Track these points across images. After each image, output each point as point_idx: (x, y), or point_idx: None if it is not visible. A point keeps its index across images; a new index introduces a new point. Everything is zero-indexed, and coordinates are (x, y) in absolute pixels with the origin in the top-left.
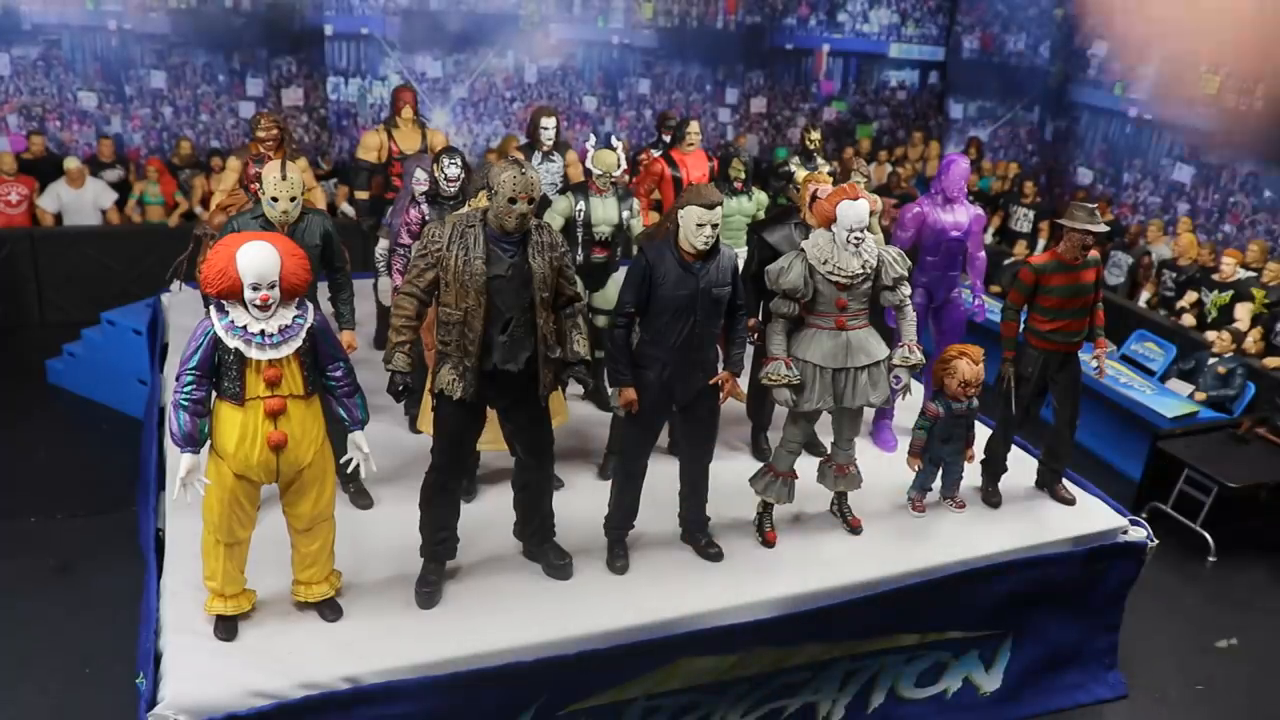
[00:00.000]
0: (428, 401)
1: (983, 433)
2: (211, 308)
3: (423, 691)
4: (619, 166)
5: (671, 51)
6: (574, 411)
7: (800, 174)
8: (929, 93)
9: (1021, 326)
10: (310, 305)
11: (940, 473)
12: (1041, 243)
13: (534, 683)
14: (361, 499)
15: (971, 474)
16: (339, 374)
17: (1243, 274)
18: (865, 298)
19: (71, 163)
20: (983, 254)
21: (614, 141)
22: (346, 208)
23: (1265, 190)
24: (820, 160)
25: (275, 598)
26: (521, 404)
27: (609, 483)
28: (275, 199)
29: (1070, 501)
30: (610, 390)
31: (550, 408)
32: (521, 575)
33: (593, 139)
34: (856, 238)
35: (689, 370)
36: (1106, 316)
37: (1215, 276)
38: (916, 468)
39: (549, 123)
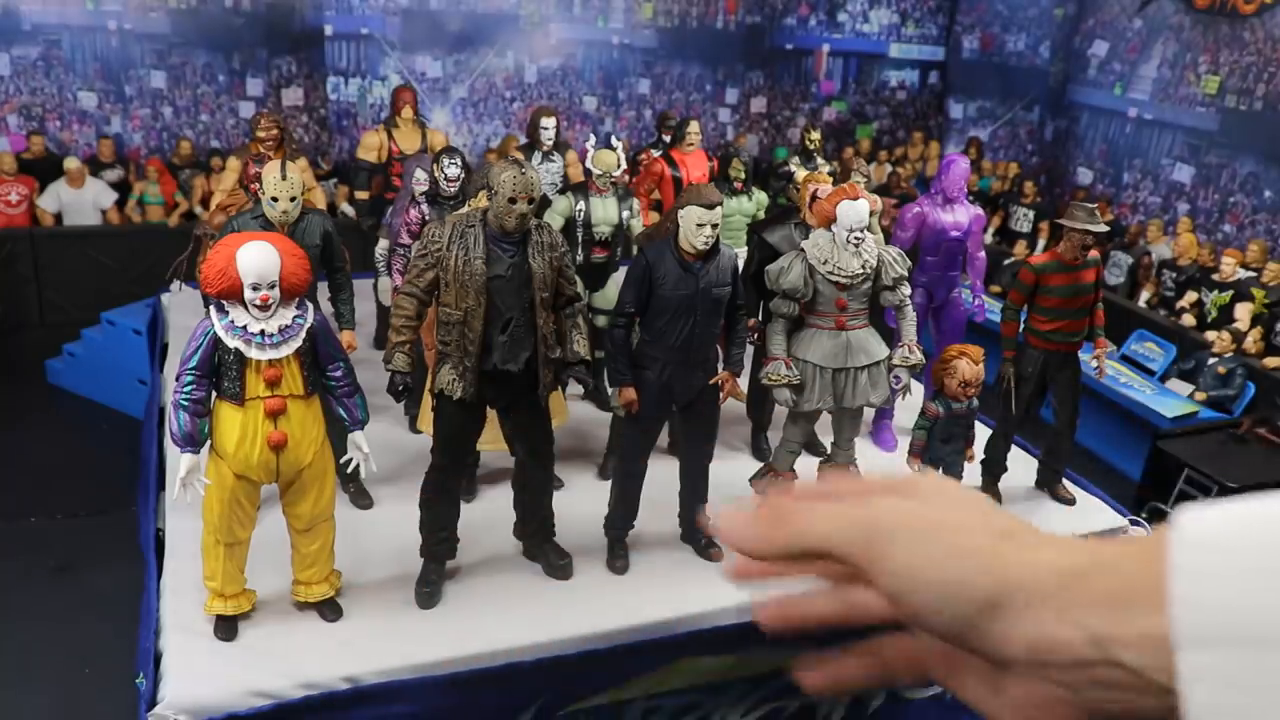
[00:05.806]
0: (428, 401)
1: (983, 433)
2: (211, 308)
3: (423, 691)
4: (619, 166)
5: (671, 51)
6: (574, 411)
7: (800, 174)
8: (929, 93)
9: (1021, 326)
10: (310, 305)
11: (940, 473)
12: (1041, 243)
13: (534, 683)
14: (361, 499)
15: (971, 474)
16: (339, 374)
17: (1243, 274)
18: (865, 298)
19: (71, 163)
20: (983, 254)
21: (614, 141)
22: (346, 208)
23: (1265, 190)
24: (820, 160)
25: (275, 598)
26: (521, 404)
27: (609, 483)
28: (275, 199)
29: (1070, 501)
30: (610, 390)
31: (550, 408)
32: (521, 575)
33: (593, 139)
34: (856, 238)
35: (689, 370)
36: (1106, 316)
37: (1215, 276)
38: (916, 468)
39: (549, 123)
